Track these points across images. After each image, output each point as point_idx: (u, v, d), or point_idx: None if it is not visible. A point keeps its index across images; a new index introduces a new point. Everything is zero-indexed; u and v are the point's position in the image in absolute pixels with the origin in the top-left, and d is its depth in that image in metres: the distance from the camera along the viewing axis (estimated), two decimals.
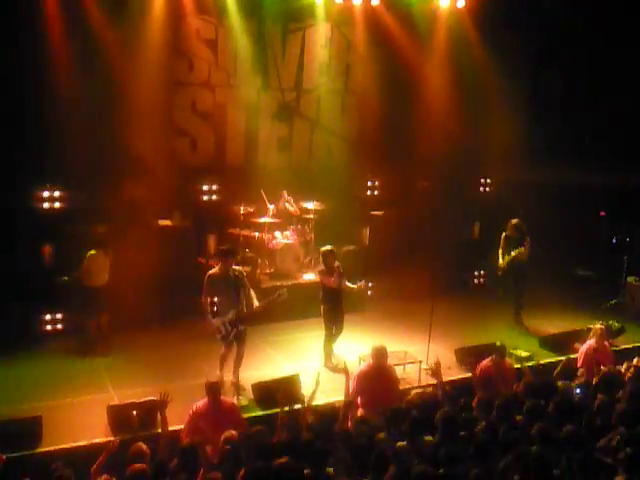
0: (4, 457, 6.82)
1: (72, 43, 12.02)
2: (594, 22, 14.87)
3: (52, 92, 11.72)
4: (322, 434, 6.83)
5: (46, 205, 12.04)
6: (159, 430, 7.70)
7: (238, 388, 9.65)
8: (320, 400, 9.16)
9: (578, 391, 8.29)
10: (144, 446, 6.67)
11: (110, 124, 12.33)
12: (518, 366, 9.44)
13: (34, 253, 11.60)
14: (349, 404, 8.12)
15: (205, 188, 13.68)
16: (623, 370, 8.85)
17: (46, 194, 12.02)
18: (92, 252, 10.98)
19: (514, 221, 12.83)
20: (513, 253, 12.53)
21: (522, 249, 12.48)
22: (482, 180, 16.17)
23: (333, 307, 10.86)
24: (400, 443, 6.57)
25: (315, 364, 10.55)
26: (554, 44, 15.62)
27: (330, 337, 10.87)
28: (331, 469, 6.31)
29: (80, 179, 12.15)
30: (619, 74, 14.91)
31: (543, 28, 15.64)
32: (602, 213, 15.74)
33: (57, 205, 12.11)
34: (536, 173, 15.26)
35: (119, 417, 8.25)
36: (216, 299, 10.16)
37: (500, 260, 12.80)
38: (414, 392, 8.46)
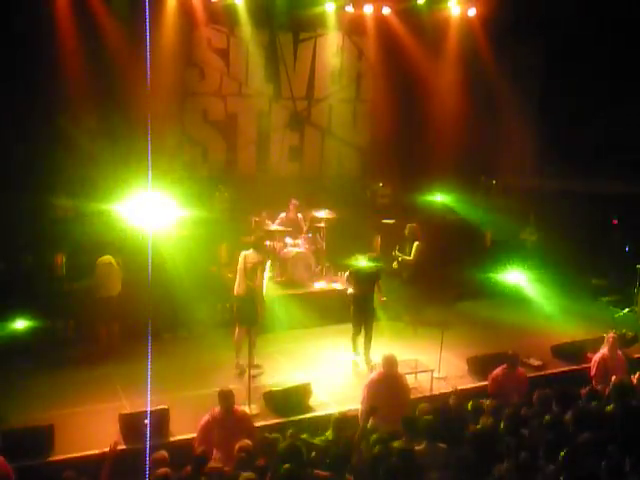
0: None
1: (84, 54, 12.15)
2: (603, 28, 14.84)
3: (63, 102, 11.80)
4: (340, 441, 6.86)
5: (59, 214, 12.11)
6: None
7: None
8: (334, 409, 9.22)
9: None
10: (166, 454, 6.70)
11: (122, 133, 12.37)
12: None
13: (47, 261, 11.62)
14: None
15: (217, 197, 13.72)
16: (635, 380, 8.79)
17: (59, 203, 12.10)
18: (102, 260, 11.01)
19: (409, 225, 12.95)
20: (400, 257, 12.76)
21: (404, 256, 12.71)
22: (493, 186, 16.14)
23: (358, 310, 11.07)
24: (417, 447, 6.59)
25: (327, 372, 10.56)
26: (564, 51, 15.58)
27: (357, 334, 11.08)
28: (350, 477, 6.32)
29: (93, 188, 12.21)
30: (630, 81, 14.85)
31: (553, 36, 15.63)
32: (614, 221, 15.66)
33: (70, 214, 12.17)
34: (548, 180, 15.22)
35: (131, 425, 8.25)
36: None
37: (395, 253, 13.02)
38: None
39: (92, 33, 12.19)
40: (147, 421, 7.34)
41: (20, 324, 10.24)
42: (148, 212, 12.37)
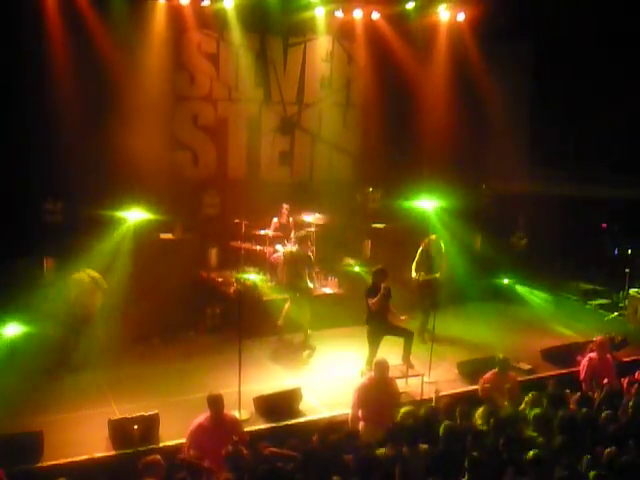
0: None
1: (74, 59, 12.10)
2: (593, 30, 14.92)
3: (54, 106, 11.77)
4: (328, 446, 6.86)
5: (49, 218, 12.05)
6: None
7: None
8: (324, 413, 9.22)
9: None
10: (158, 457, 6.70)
11: (112, 138, 12.34)
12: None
13: (37, 266, 11.55)
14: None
15: (207, 201, 13.70)
16: (625, 384, 8.82)
17: (49, 207, 12.05)
18: (74, 277, 10.76)
19: (433, 236, 12.51)
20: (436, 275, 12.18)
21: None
22: (482, 191, 16.17)
23: (376, 330, 10.55)
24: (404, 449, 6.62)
25: (317, 377, 10.56)
26: (553, 56, 15.67)
27: (372, 358, 10.10)
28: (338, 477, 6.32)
29: (82, 193, 12.17)
30: (619, 86, 14.94)
31: (543, 40, 15.71)
32: (604, 225, 15.73)
33: (59, 218, 12.12)
34: (537, 185, 15.28)
35: (120, 431, 8.23)
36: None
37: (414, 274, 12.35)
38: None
39: (81, 38, 12.14)
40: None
41: (10, 329, 10.11)
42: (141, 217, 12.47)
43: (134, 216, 12.01)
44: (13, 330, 8.79)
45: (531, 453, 6.30)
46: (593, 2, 14.57)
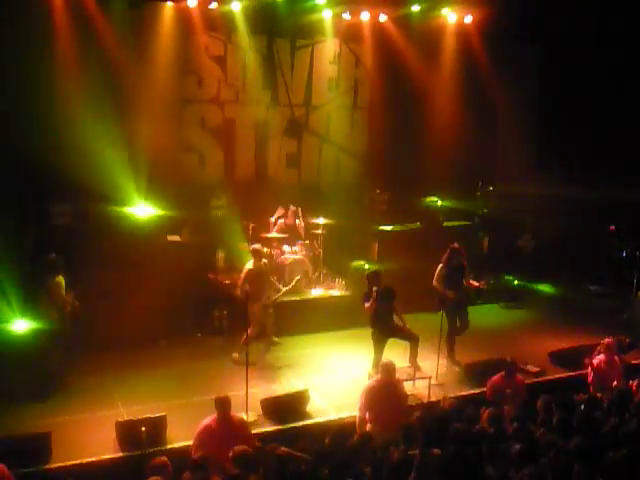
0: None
1: (81, 60, 12.14)
2: (602, 35, 14.88)
3: (60, 109, 11.80)
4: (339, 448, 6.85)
5: (57, 221, 12.09)
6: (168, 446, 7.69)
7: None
8: (332, 415, 9.22)
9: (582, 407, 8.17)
10: (165, 459, 6.70)
11: (119, 140, 12.37)
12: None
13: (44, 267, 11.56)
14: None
15: (214, 203, 13.72)
16: (635, 387, 8.78)
17: (57, 209, 12.09)
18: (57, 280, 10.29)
19: (455, 245, 11.44)
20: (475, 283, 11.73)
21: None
22: (489, 193, 16.14)
23: (381, 332, 10.55)
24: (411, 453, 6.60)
25: (324, 379, 10.55)
26: (561, 57, 15.63)
27: (378, 361, 10.02)
28: None
29: (89, 195, 12.20)
30: (628, 86, 14.89)
31: (550, 41, 15.68)
32: (611, 227, 15.67)
33: (68, 220, 12.16)
34: (544, 186, 15.24)
35: (128, 433, 8.23)
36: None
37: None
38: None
39: (88, 40, 12.18)
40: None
41: (19, 326, 10.09)
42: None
43: (141, 218, 12.08)
44: (22, 327, 8.81)
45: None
46: (600, 3, 14.52)
